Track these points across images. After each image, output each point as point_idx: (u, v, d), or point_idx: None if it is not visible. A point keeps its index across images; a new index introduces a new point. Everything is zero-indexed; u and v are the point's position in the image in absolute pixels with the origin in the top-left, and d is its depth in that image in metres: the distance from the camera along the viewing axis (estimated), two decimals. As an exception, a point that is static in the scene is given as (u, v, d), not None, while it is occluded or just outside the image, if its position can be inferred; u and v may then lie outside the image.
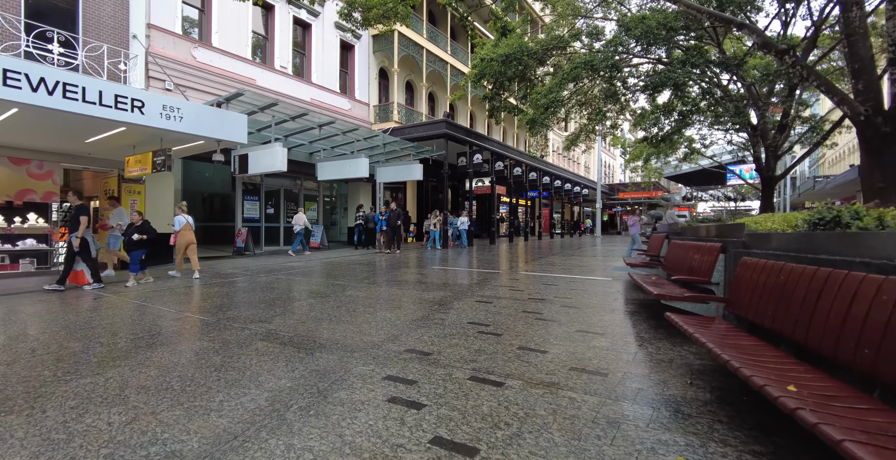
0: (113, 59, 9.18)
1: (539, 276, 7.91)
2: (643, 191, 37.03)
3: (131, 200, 9.82)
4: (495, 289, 6.49)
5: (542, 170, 23.00)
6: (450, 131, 14.77)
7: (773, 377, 1.94)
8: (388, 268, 9.34)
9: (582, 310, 4.94)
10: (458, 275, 8.23)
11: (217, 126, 7.64)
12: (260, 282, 7.34)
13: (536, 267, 9.58)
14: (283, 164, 9.40)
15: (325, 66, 15.12)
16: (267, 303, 5.53)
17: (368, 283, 7.15)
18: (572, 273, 8.48)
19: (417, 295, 6.01)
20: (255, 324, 4.45)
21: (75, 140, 7.74)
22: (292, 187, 14.76)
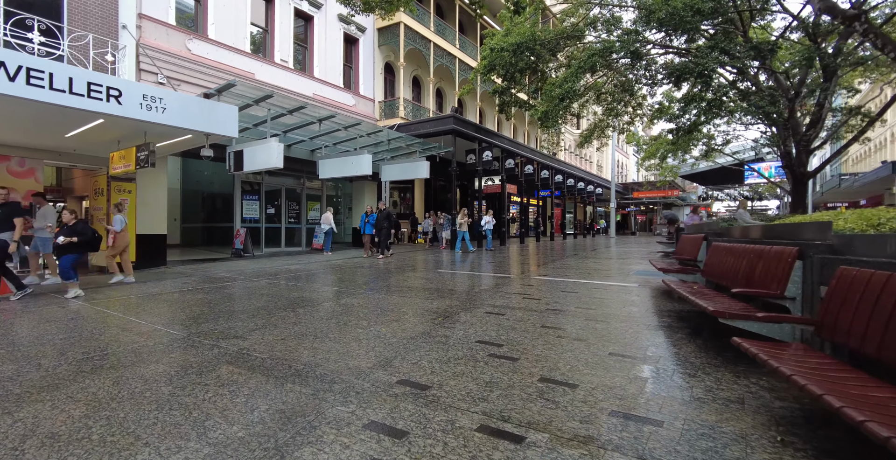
0: (100, 50, 8.65)
1: (556, 282, 7.17)
2: (658, 190, 35.92)
3: (122, 199, 9.28)
4: (508, 297, 5.78)
5: (555, 169, 22.19)
6: (458, 127, 14.08)
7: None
8: (390, 273, 8.68)
9: (611, 325, 4.20)
10: (466, 280, 7.53)
11: (205, 118, 7.05)
12: (250, 288, 6.72)
13: (552, 270, 8.84)
14: (279, 161, 8.80)
15: (328, 60, 14.53)
16: (250, 314, 4.89)
17: (367, 290, 6.48)
18: (592, 278, 7.73)
19: (420, 304, 5.32)
20: (228, 341, 3.80)
21: (54, 134, 7.21)
22: (295, 186, 14.20)
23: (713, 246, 4.57)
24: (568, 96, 10.16)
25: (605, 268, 9.29)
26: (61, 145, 8.08)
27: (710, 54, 8.56)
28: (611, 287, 6.61)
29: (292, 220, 14.05)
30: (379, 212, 11.65)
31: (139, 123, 6.50)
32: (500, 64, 12.11)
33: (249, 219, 12.71)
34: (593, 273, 8.46)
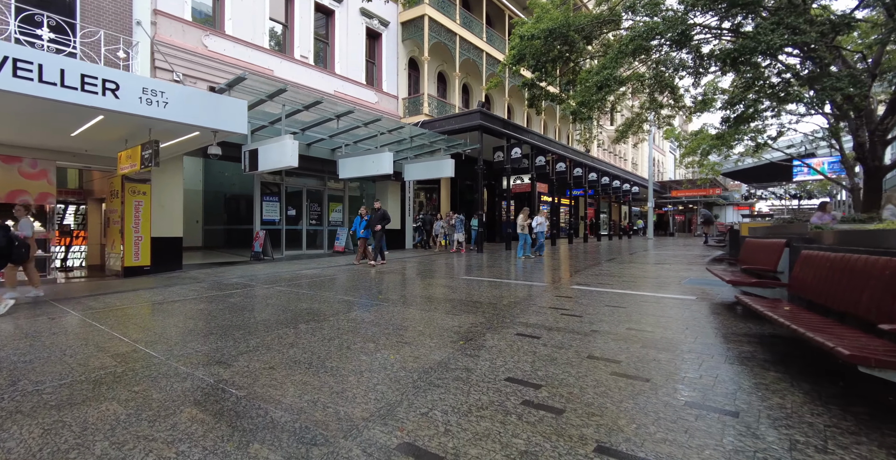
0: (112, 47, 8.35)
1: (597, 293, 6.27)
2: (699, 188, 33.89)
3: (136, 201, 8.99)
4: (542, 312, 4.95)
5: (588, 166, 21.02)
6: (485, 123, 13.27)
7: None
8: (406, 281, 7.99)
9: (677, 356, 3.33)
10: (492, 289, 6.73)
11: (210, 114, 6.55)
12: (257, 297, 6.15)
13: (589, 278, 7.92)
14: (294, 159, 8.26)
15: (349, 56, 14.02)
16: (246, 330, 4.28)
17: (382, 300, 5.79)
18: (638, 287, 6.78)
19: (439, 320, 4.57)
20: (209, 368, 3.18)
21: (59, 134, 6.89)
22: (316, 187, 13.75)
23: (807, 256, 3.61)
24: (607, 84, 9.19)
25: (651, 276, 8.28)
26: (71, 146, 7.81)
27: (775, 30, 7.42)
28: (664, 300, 5.67)
29: (314, 222, 13.60)
30: (374, 213, 10.42)
31: (140, 119, 6.05)
32: (530, 53, 11.25)
33: (270, 221, 12.32)
34: (638, 281, 7.49)
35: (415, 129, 11.64)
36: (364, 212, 10.58)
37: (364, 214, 10.52)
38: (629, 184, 27.41)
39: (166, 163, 9.41)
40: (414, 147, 12.97)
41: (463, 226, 14.00)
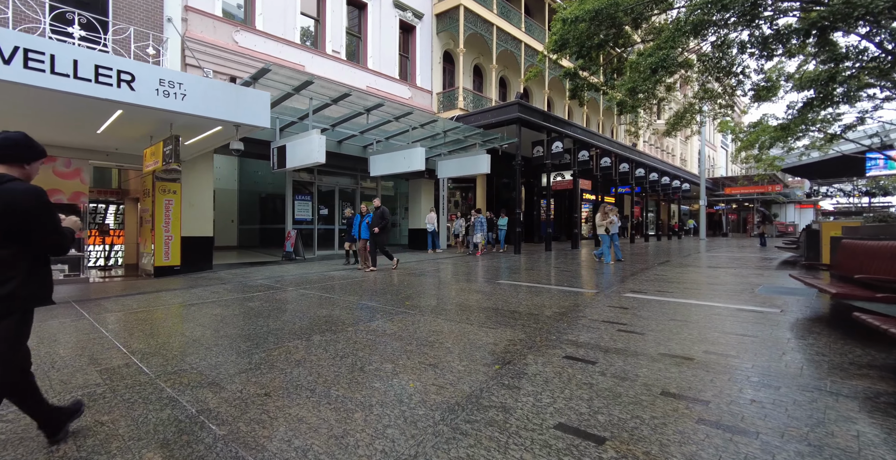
0: (142, 43, 8.25)
1: (657, 303, 5.40)
2: (756, 185, 31.34)
3: (166, 201, 8.88)
4: (594, 327, 4.18)
5: (636, 161, 19.67)
6: (524, 115, 12.47)
7: None
8: (439, 284, 7.36)
9: (787, 397, 2.51)
10: (531, 296, 5.99)
11: (231, 106, 6.20)
12: (277, 301, 5.72)
13: (645, 284, 7.01)
14: (321, 156, 7.84)
15: (382, 50, 13.60)
16: (254, 342, 3.80)
17: (409, 307, 5.19)
18: (704, 296, 5.84)
19: (470, 335, 3.91)
20: (197, 392, 2.69)
21: (85, 131, 6.76)
22: (349, 186, 13.42)
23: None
24: (663, 66, 8.19)
25: (716, 282, 7.26)
26: (102, 144, 7.74)
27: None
28: (741, 314, 4.74)
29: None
30: (374, 212, 9.10)
31: (158, 113, 5.77)
32: (573, 38, 10.35)
33: (302, 221, 12.08)
34: (702, 289, 6.52)
35: (448, 123, 11.03)
36: (364, 210, 9.48)
37: (365, 213, 9.42)
38: (679, 181, 25.63)
39: (196, 161, 9.28)
40: (448, 142, 12.36)
41: (483, 226, 12.76)
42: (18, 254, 1.78)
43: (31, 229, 1.77)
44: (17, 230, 1.74)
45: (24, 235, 1.77)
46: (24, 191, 1.76)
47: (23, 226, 1.75)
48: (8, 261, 1.75)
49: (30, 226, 1.76)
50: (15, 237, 1.75)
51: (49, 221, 1.82)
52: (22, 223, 1.74)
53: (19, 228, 1.75)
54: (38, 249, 1.84)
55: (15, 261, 1.77)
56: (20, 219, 1.74)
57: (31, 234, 1.78)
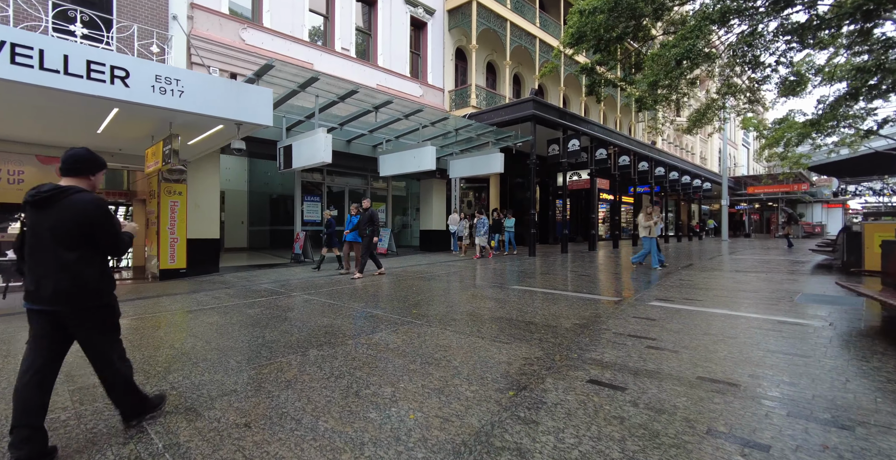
0: (145, 41, 8.06)
1: (687, 313, 4.94)
2: (780, 184, 30.17)
3: (171, 202, 8.70)
4: (620, 343, 3.75)
5: (655, 160, 19.00)
6: (538, 112, 12.01)
7: None
8: (449, 290, 6.99)
9: (867, 442, 2.07)
10: (550, 304, 5.57)
11: (232, 103, 5.92)
12: (278, 308, 5.42)
13: (671, 291, 6.52)
14: (327, 155, 7.55)
15: (392, 47, 13.29)
16: (246, 356, 3.48)
17: (416, 316, 4.83)
18: (738, 306, 5.35)
19: (481, 351, 3.53)
20: (171, 420, 2.37)
21: (84, 130, 6.57)
22: (359, 186, 13.15)
23: None
24: (688, 57, 7.68)
25: (747, 288, 6.73)
26: (105, 145, 7.56)
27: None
28: (784, 327, 4.25)
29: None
30: (362, 214, 8.33)
31: (155, 111, 5.52)
32: (591, 30, 9.88)
33: (311, 222, 11.84)
34: (735, 296, 6.01)
35: (460, 121, 10.65)
36: (354, 210, 8.78)
37: (354, 214, 8.74)
38: (700, 180, 24.78)
39: (201, 162, 9.09)
40: (460, 141, 11.98)
41: (486, 228, 11.89)
42: (92, 254, 2.09)
43: (95, 233, 2.06)
44: (87, 234, 2.05)
45: (93, 238, 2.07)
46: (89, 200, 2.06)
47: (90, 231, 2.05)
48: (84, 261, 2.04)
49: (94, 230, 2.05)
50: (86, 240, 2.05)
51: (109, 226, 2.11)
52: (89, 228, 2.04)
53: (89, 233, 2.05)
54: (102, 251, 2.14)
55: (90, 261, 2.07)
56: (89, 225, 2.04)
57: (96, 237, 2.07)
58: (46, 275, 1.99)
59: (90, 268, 2.05)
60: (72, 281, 2.00)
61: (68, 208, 2.01)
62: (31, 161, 7.34)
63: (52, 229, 2.00)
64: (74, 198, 2.02)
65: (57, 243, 2.00)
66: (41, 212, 2.02)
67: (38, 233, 2.02)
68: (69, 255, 2.01)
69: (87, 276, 2.03)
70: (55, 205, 2.01)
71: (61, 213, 2.00)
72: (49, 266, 2.00)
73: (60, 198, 2.02)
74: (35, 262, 2.02)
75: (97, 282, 2.08)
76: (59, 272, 1.99)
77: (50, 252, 2.00)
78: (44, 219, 2.01)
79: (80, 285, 2.01)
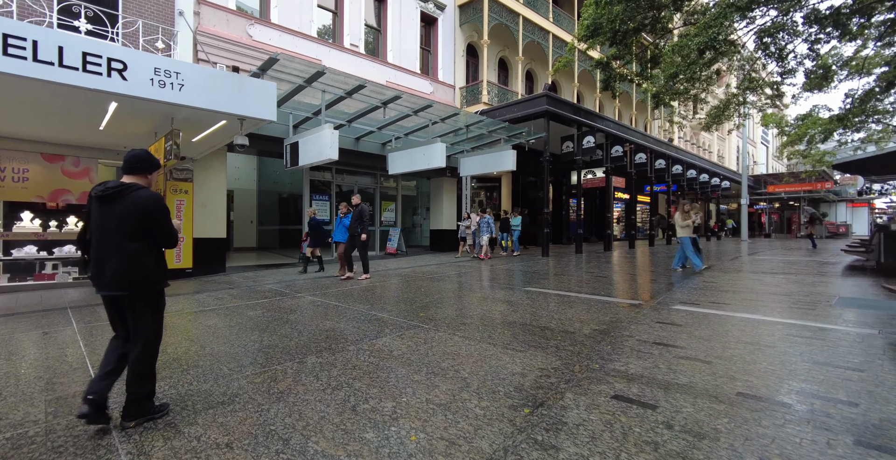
0: (150, 37, 7.93)
1: (716, 318, 4.58)
2: (802, 182, 29.21)
3: (177, 200, 8.57)
4: (645, 351, 3.42)
5: (672, 157, 18.45)
6: (552, 108, 11.65)
7: None
8: (461, 292, 6.70)
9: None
10: (566, 307, 5.25)
11: (233, 97, 5.72)
12: (280, 311, 5.19)
13: (695, 293, 6.14)
14: (333, 152, 7.33)
15: (403, 43, 13.05)
16: (240, 363, 3.25)
17: (423, 320, 4.55)
18: (771, 310, 4.96)
19: (492, 359, 3.23)
20: (146, 437, 2.13)
21: (86, 127, 6.43)
22: (369, 185, 12.93)
23: None
24: (713, 46, 7.27)
25: (778, 291, 6.31)
26: (110, 142, 7.44)
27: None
28: (827, 335, 3.87)
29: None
30: (354, 211, 7.96)
31: (155, 106, 5.34)
32: (606, 22, 9.50)
33: (320, 221, 11.62)
34: (766, 300, 5.61)
35: (471, 117, 10.35)
36: (344, 210, 8.43)
37: (345, 213, 8.42)
38: (718, 179, 24.07)
39: (208, 159, 8.94)
40: (471, 138, 11.68)
41: (489, 227, 11.35)
42: (150, 245, 2.26)
43: (153, 227, 2.24)
44: (147, 227, 2.22)
45: (150, 232, 2.25)
46: (149, 196, 2.24)
47: (149, 224, 2.23)
48: (143, 251, 2.22)
49: (153, 224, 2.24)
50: (145, 233, 2.23)
51: (166, 221, 2.29)
52: (149, 221, 2.22)
53: (148, 226, 2.23)
54: (157, 243, 2.31)
55: (149, 252, 2.25)
56: (148, 218, 2.22)
57: (153, 231, 2.25)
58: (109, 262, 2.19)
59: (148, 258, 2.24)
60: (131, 268, 2.19)
61: (131, 203, 2.20)
62: (35, 159, 7.25)
63: (117, 221, 2.20)
64: (137, 194, 2.22)
65: (120, 234, 2.20)
66: (107, 206, 2.22)
67: (103, 225, 2.22)
68: (131, 245, 2.20)
69: (145, 264, 2.23)
70: (120, 200, 2.21)
71: (125, 208, 2.20)
72: (112, 254, 2.19)
73: (124, 194, 2.21)
74: (99, 251, 2.22)
75: (152, 270, 2.26)
76: (120, 260, 2.18)
77: (113, 242, 2.20)
78: (109, 212, 2.21)
79: (137, 272, 2.20)
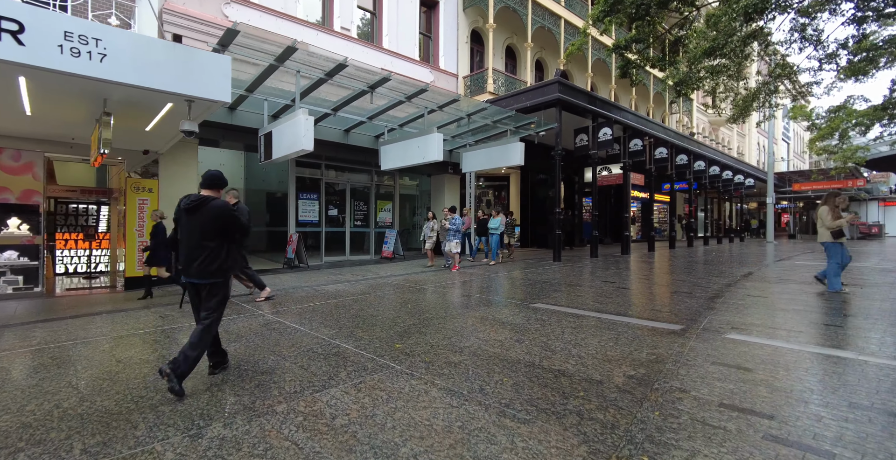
0: (103, 12, 6.93)
1: (792, 355, 3.39)
2: (832, 179, 27.47)
3: (140, 200, 7.58)
4: (714, 423, 2.26)
5: (694, 153, 17.08)
6: (565, 96, 10.45)
7: None
8: (452, 308, 5.57)
9: None
10: (587, 334, 4.09)
11: (176, 73, 4.66)
12: (230, 335, 4.11)
13: (745, 312, 4.93)
14: (308, 142, 6.25)
15: (400, 27, 11.95)
16: (101, 438, 2.15)
17: (397, 355, 3.43)
18: (867, 342, 3.74)
19: (482, 438, 2.10)
20: None
21: (7, 112, 5.43)
22: (363, 182, 11.86)
23: None
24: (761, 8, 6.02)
25: (860, 312, 5.07)
26: (54, 132, 6.45)
27: None
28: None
29: (359, 223, 11.71)
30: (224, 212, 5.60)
31: (73, 81, 4.29)
32: (628, -5, 8.29)
33: (307, 223, 10.61)
34: (854, 325, 4.38)
35: (474, 104, 9.20)
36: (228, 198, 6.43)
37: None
38: (742, 176, 22.56)
39: (176, 152, 7.94)
40: (474, 130, 10.53)
41: (458, 231, 9.34)
42: (223, 243, 2.98)
43: (227, 228, 2.99)
44: (221, 228, 2.96)
45: (226, 231, 2.99)
46: (220, 206, 2.97)
47: (223, 226, 2.97)
48: (219, 247, 2.95)
49: (226, 225, 2.98)
50: (221, 233, 2.97)
51: (237, 223, 3.04)
52: (223, 225, 2.97)
53: (222, 227, 2.97)
54: (231, 240, 3.05)
55: (222, 247, 2.97)
56: (221, 222, 2.96)
57: (227, 231, 2.99)
58: (195, 257, 2.91)
59: (221, 251, 2.96)
60: (210, 260, 2.92)
61: (209, 211, 2.93)
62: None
63: (199, 226, 2.93)
64: (212, 205, 2.95)
65: (201, 235, 2.92)
66: (191, 214, 2.95)
67: (189, 229, 2.96)
68: (209, 244, 2.92)
69: (220, 258, 2.95)
70: (200, 210, 2.94)
71: (204, 215, 2.93)
72: (196, 251, 2.92)
73: (203, 204, 2.94)
74: (187, 249, 2.96)
75: (224, 262, 2.98)
76: (202, 255, 2.91)
77: (197, 241, 2.92)
78: (194, 219, 2.95)
79: (214, 263, 2.93)
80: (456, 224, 9.34)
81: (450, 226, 9.40)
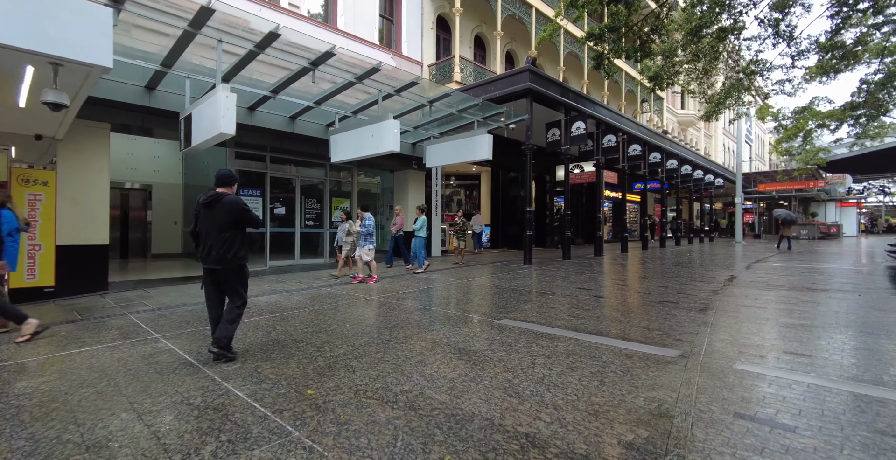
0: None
1: (830, 395, 2.58)
2: (794, 181, 28.01)
3: (30, 195, 6.24)
4: None
5: (667, 151, 16.70)
6: (536, 86, 9.65)
7: None
8: (395, 332, 4.61)
9: None
10: (565, 369, 3.21)
11: (30, 25, 3.50)
12: (93, 370, 3.00)
13: (744, 330, 4.17)
14: (229, 124, 5.13)
15: (358, 8, 10.89)
16: None
17: (305, 411, 2.43)
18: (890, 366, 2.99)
19: None
20: None
21: None
22: (315, 177, 10.72)
23: None
24: None
25: (873, 324, 4.40)
26: None
27: None
28: None
29: (310, 223, 10.56)
30: None
31: None
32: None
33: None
34: (874, 344, 3.67)
35: (436, 89, 8.25)
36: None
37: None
38: (713, 176, 22.54)
39: (81, 139, 6.66)
40: (438, 120, 9.58)
41: (371, 233, 7.57)
42: (238, 233, 3.38)
43: (240, 220, 3.39)
44: (235, 221, 3.35)
45: (239, 223, 3.39)
46: (232, 201, 3.37)
47: (236, 219, 3.36)
48: (235, 237, 3.34)
49: (239, 218, 3.37)
50: (235, 225, 3.36)
51: (249, 215, 3.43)
52: (235, 217, 3.35)
53: (236, 220, 3.36)
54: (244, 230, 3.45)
55: (237, 237, 3.36)
56: (236, 215, 3.35)
57: (241, 223, 3.40)
58: (212, 246, 3.31)
59: (236, 241, 3.35)
60: (226, 249, 3.30)
61: (223, 206, 3.33)
62: None
63: (215, 219, 3.33)
64: (226, 200, 3.35)
65: (217, 227, 3.32)
66: (209, 208, 3.36)
67: (207, 222, 3.36)
68: (224, 235, 3.31)
69: (235, 247, 3.34)
70: (216, 205, 3.34)
71: (220, 209, 3.33)
72: (214, 241, 3.31)
73: (219, 200, 3.35)
74: (206, 239, 3.35)
75: (238, 251, 3.37)
76: (219, 244, 3.30)
77: (214, 232, 3.32)
78: (210, 213, 3.35)
79: (229, 251, 3.32)
80: (367, 226, 7.53)
81: (360, 229, 7.61)
